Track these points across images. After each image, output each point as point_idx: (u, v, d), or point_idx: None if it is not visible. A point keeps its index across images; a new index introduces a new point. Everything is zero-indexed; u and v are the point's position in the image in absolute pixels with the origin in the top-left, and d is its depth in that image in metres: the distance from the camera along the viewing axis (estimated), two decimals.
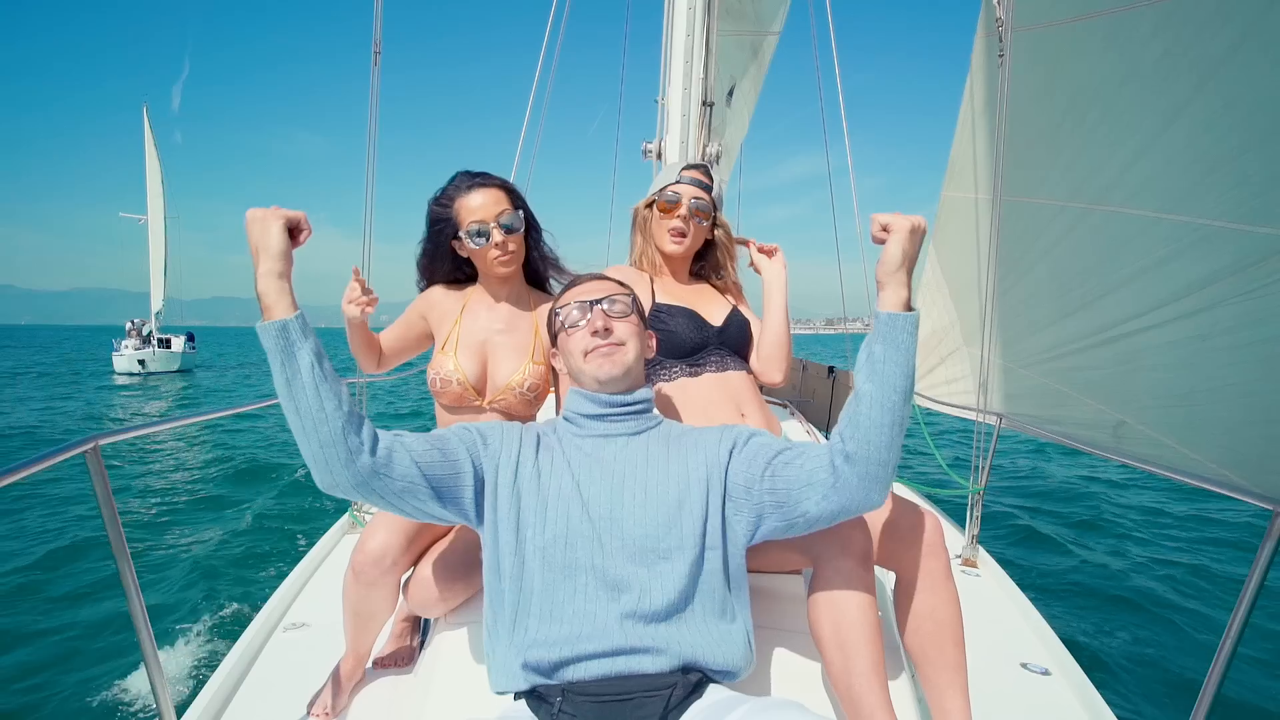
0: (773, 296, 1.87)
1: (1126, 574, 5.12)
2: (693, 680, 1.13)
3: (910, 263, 1.16)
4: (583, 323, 1.35)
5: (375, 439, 1.16)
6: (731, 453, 1.27)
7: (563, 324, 1.39)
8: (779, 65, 6.46)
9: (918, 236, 1.16)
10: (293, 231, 1.19)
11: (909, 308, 1.14)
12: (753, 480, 1.22)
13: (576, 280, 1.48)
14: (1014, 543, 5.75)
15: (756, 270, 1.95)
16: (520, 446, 1.28)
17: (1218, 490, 1.59)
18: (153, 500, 7.49)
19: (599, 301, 1.36)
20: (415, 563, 1.62)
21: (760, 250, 1.94)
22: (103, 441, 1.42)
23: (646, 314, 1.53)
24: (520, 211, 1.75)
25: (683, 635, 1.15)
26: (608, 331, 1.33)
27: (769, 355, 1.84)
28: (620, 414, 1.33)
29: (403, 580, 1.62)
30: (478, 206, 1.70)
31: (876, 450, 1.11)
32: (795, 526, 1.20)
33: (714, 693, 1.14)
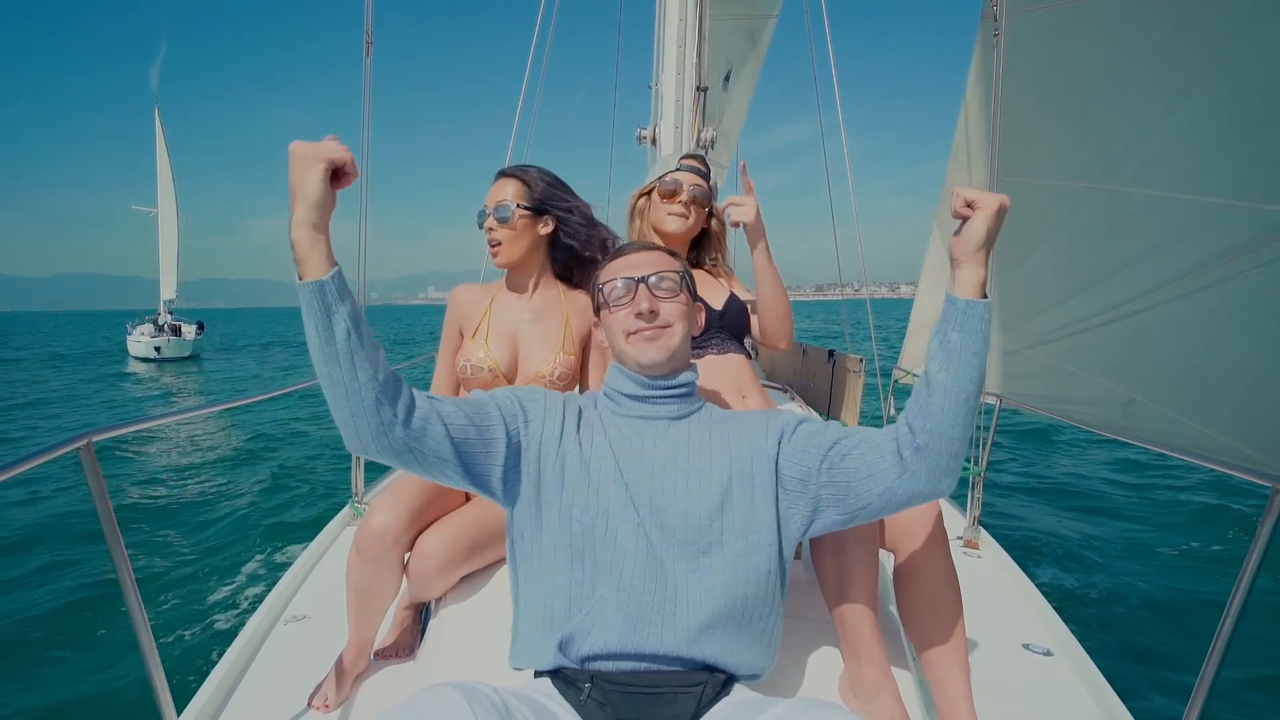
0: (758, 260, 1.83)
1: (1129, 553, 5.12)
2: (720, 679, 1.12)
3: (991, 243, 1.08)
4: (626, 300, 1.27)
5: (411, 409, 1.10)
6: (780, 442, 1.21)
7: (606, 300, 1.30)
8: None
9: (1002, 217, 1.08)
10: (337, 174, 1.08)
11: (984, 291, 1.08)
12: (809, 472, 1.17)
13: (623, 249, 1.37)
14: (1016, 524, 5.75)
15: (734, 225, 1.87)
16: (563, 422, 1.23)
17: (1214, 468, 1.59)
18: (148, 494, 7.49)
19: (645, 279, 1.26)
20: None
21: (732, 203, 1.80)
22: (95, 438, 1.41)
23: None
24: (517, 204, 1.77)
25: (716, 635, 1.12)
26: (653, 314, 1.25)
27: (770, 325, 1.86)
28: (662, 396, 1.27)
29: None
30: (488, 197, 1.80)
31: (950, 441, 1.07)
32: (857, 518, 1.16)
33: (739, 691, 1.13)
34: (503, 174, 1.83)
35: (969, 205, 1.08)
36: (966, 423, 1.07)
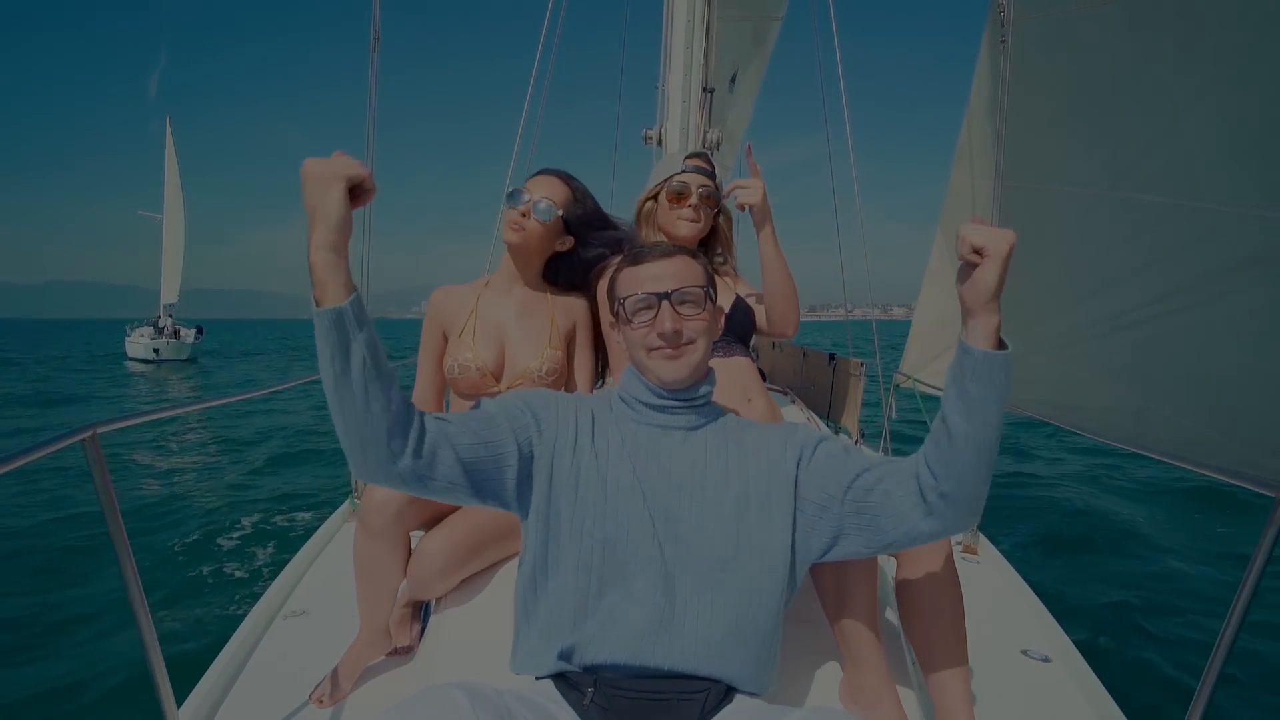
0: (765, 243, 1.84)
1: (1128, 560, 5.11)
2: (723, 688, 1.12)
3: (1002, 288, 1.03)
4: (649, 316, 1.21)
5: (422, 438, 1.07)
6: (799, 464, 1.20)
7: (627, 314, 1.23)
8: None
9: (1010, 257, 1.02)
10: (354, 191, 1.03)
11: (1000, 338, 1.04)
12: (831, 500, 1.16)
13: (642, 254, 1.27)
14: (1015, 529, 5.74)
15: (740, 208, 1.89)
16: (577, 429, 1.21)
17: (1216, 476, 1.58)
18: (152, 487, 7.49)
19: (669, 295, 1.20)
20: (421, 522, 1.64)
21: (738, 186, 1.84)
22: (101, 430, 1.40)
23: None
24: (560, 212, 1.78)
25: (722, 652, 1.11)
26: (677, 334, 1.20)
27: (777, 310, 1.86)
28: (680, 407, 1.24)
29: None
30: (533, 183, 1.80)
31: (973, 487, 1.06)
32: (880, 552, 1.17)
33: (741, 700, 1.12)
34: (558, 175, 1.83)
35: (976, 252, 1.03)
36: (988, 468, 1.06)
